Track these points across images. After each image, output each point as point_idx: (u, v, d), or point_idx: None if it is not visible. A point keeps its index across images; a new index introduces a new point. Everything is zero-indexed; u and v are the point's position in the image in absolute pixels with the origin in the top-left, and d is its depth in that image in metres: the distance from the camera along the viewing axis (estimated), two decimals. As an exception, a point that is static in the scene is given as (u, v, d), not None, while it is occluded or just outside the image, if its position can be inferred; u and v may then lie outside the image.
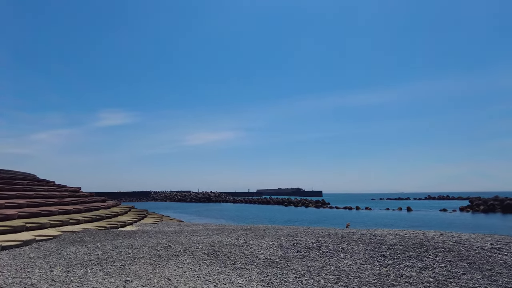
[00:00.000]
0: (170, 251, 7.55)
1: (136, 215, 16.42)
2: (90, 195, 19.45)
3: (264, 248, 7.66)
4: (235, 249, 7.70)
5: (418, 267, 5.53)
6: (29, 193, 13.21)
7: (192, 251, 7.58)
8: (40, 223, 9.80)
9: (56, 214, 11.83)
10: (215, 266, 6.37)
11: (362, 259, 6.25)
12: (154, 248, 7.77)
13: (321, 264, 6.14)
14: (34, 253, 7.18)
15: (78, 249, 7.64)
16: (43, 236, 8.77)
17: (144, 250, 7.54)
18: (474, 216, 35.69)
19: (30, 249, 7.67)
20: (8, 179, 14.20)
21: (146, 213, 18.05)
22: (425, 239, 7.30)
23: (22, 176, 16.39)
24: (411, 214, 40.60)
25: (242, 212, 45.12)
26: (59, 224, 10.62)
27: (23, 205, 11.59)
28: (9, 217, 9.74)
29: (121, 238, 9.24)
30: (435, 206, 60.10)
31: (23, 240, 8.01)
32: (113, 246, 7.93)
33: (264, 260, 6.64)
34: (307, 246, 7.48)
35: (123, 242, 8.56)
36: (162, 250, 7.60)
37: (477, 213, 41.50)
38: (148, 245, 8.12)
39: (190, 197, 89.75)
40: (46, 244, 8.28)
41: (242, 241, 8.69)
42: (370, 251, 6.67)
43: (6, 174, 14.73)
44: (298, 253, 7.08)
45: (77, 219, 11.60)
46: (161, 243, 8.46)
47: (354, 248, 7.02)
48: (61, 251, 7.41)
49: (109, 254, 7.14)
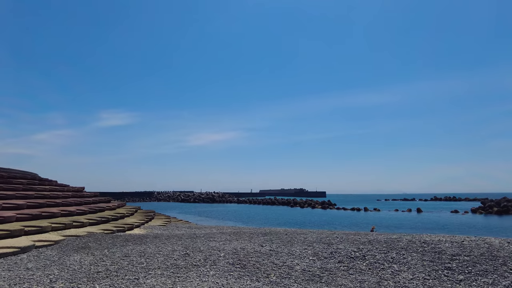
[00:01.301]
0: (189, 260, 6.55)
1: (143, 216, 15.43)
2: (94, 195, 18.47)
3: (297, 257, 6.63)
4: (263, 258, 6.69)
5: (502, 285, 4.48)
6: (29, 193, 12.24)
7: (214, 260, 6.57)
8: (41, 227, 8.81)
9: (58, 216, 10.86)
10: (245, 280, 5.35)
11: (423, 272, 5.20)
12: (170, 257, 6.76)
13: (375, 279, 5.11)
14: (33, 263, 6.18)
15: (83, 257, 6.63)
16: (43, 242, 7.78)
17: (159, 259, 6.53)
18: (490, 218, 34.49)
19: (28, 257, 6.67)
20: (7, 178, 13.26)
21: (153, 215, 17.07)
22: (493, 248, 6.25)
23: (22, 175, 15.45)
24: (423, 216, 39.43)
25: (249, 213, 44.10)
26: (62, 228, 9.64)
27: (23, 206, 10.62)
28: (6, 220, 8.77)
29: (131, 244, 8.24)
30: (444, 207, 58.84)
31: (21, 247, 7.02)
32: (123, 254, 6.92)
33: (302, 273, 5.62)
34: (349, 255, 6.45)
35: (133, 249, 7.55)
36: (180, 259, 6.59)
37: (490, 215, 40.25)
38: (163, 253, 7.12)
39: (194, 197, 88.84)
40: (46, 251, 7.28)
41: (268, 248, 7.67)
42: (429, 262, 5.63)
43: (5, 173, 13.79)
44: (340, 263, 6.05)
45: (81, 222, 10.61)
46: (177, 250, 7.45)
47: (407, 258, 5.98)
48: (63, 260, 6.41)
49: (120, 264, 6.13)
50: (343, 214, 41.83)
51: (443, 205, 66.59)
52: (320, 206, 58.26)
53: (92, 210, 13.21)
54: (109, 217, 12.56)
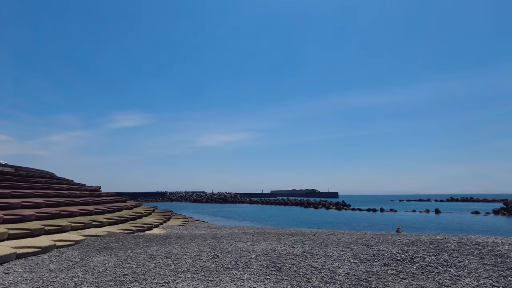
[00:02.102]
0: (219, 262, 6.08)
1: (161, 216, 15.08)
2: (111, 194, 18.25)
3: (336, 260, 6.09)
4: (299, 260, 6.17)
5: None
6: (48, 192, 12.02)
7: (245, 262, 6.09)
8: (60, 226, 8.49)
9: (77, 215, 10.56)
10: (285, 284, 4.85)
11: (488, 278, 4.60)
12: (198, 258, 6.31)
13: (433, 285, 4.53)
14: (55, 264, 5.81)
15: (106, 258, 6.24)
16: (64, 242, 7.43)
17: (187, 261, 6.09)
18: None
19: (50, 257, 6.31)
20: (26, 176, 13.08)
21: (171, 214, 16.72)
22: None
23: (40, 173, 15.31)
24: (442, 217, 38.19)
25: (264, 213, 43.58)
26: (81, 227, 9.31)
27: (42, 205, 10.36)
28: (26, 219, 8.48)
29: (155, 244, 7.83)
30: (462, 208, 57.12)
31: (42, 247, 6.67)
32: (148, 256, 6.51)
33: (346, 277, 5.08)
34: (394, 258, 5.87)
35: (158, 250, 7.13)
36: (209, 261, 6.13)
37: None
38: (190, 254, 6.67)
39: (206, 197, 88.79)
40: (68, 251, 6.93)
41: (301, 249, 7.15)
42: (492, 267, 5.02)
43: (23, 171, 13.64)
44: (386, 267, 5.48)
45: (100, 221, 10.28)
46: (204, 251, 7.00)
47: (464, 261, 5.37)
48: (86, 261, 6.02)
49: (146, 266, 5.71)
50: (360, 215, 40.89)
51: (461, 206, 64.72)
52: (334, 207, 57.30)
53: (110, 209, 12.90)
54: (127, 216, 12.22)
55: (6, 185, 10.93)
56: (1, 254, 5.80)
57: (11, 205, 9.17)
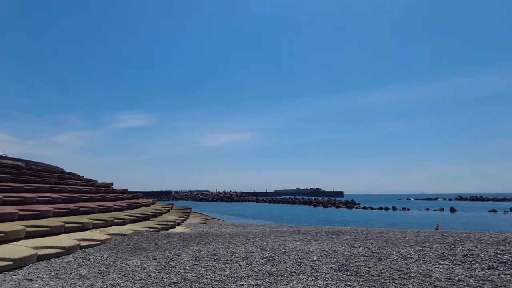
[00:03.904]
0: (279, 265, 5.07)
1: (180, 213, 14.09)
2: (124, 191, 17.30)
3: (420, 261, 5.07)
4: (373, 262, 5.16)
5: None
6: (63, 187, 11.06)
7: (309, 264, 5.08)
8: (82, 223, 7.52)
9: (96, 211, 9.60)
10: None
11: None
12: (251, 261, 5.31)
13: None
14: (85, 268, 4.82)
15: (144, 261, 5.24)
16: (88, 241, 6.46)
17: (241, 264, 5.09)
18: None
19: (76, 260, 5.33)
20: (38, 170, 12.16)
21: (189, 211, 15.74)
22: None
23: (51, 168, 14.39)
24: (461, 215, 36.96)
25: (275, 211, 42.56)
26: (103, 225, 8.35)
27: (58, 200, 9.41)
28: (44, 214, 7.53)
29: (193, 244, 6.83)
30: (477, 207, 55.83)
31: (65, 247, 5.70)
32: (191, 257, 5.51)
33: (450, 283, 4.06)
34: (498, 260, 4.84)
35: (200, 250, 6.14)
36: (266, 264, 5.13)
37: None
38: (240, 255, 5.68)
39: (212, 196, 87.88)
40: (94, 252, 5.94)
41: (366, 249, 6.13)
42: None
43: (35, 166, 12.72)
44: (494, 270, 4.45)
45: (122, 218, 9.32)
46: (254, 251, 6.00)
47: None
48: (121, 265, 5.03)
49: (196, 271, 4.71)
50: (375, 214, 39.75)
51: (473, 205, 63.35)
52: (344, 205, 56.17)
53: (129, 206, 11.95)
54: (148, 213, 11.25)
55: (19, 178, 9.99)
56: (20, 256, 4.83)
57: (26, 199, 8.22)
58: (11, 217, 6.65)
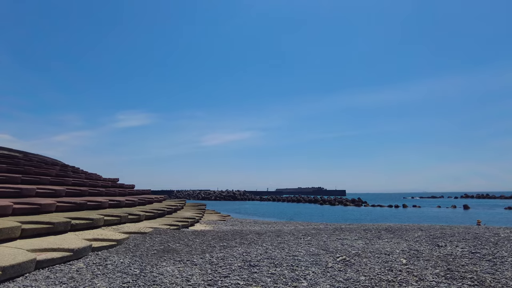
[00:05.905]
0: (363, 271, 3.73)
1: (196, 210, 12.76)
2: (131, 186, 15.92)
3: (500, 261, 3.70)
4: (488, 265, 3.80)
5: None
6: (66, 179, 9.70)
7: (405, 270, 3.73)
8: (91, 220, 6.16)
9: (106, 206, 8.26)
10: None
11: None
12: (325, 266, 3.96)
13: None
14: (102, 280, 3.45)
15: (181, 269, 3.88)
16: (101, 241, 5.11)
17: (314, 271, 3.74)
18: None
19: (89, 267, 3.96)
20: (37, 161, 10.82)
21: (205, 208, 14.40)
22: None
23: (53, 161, 13.06)
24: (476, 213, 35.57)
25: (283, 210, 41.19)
26: (116, 222, 7.00)
27: (61, 193, 8.07)
28: (45, 209, 6.18)
29: (235, 244, 5.47)
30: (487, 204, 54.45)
31: (73, 249, 4.33)
32: (242, 262, 4.15)
33: None
34: None
35: (248, 252, 4.77)
36: (348, 270, 3.81)
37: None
38: (304, 258, 4.32)
39: (215, 195, 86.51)
40: (112, 256, 4.56)
41: (460, 249, 4.76)
42: None
43: (35, 157, 11.39)
44: None
45: (137, 214, 7.96)
46: (317, 253, 4.63)
47: None
48: (151, 274, 3.67)
49: (261, 281, 3.35)
50: (386, 211, 38.40)
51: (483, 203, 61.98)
52: (352, 204, 54.91)
53: (141, 201, 10.60)
54: (164, 209, 9.89)
55: (15, 169, 8.63)
56: (12, 263, 3.48)
57: (23, 191, 6.87)
58: (3, 211, 5.30)
